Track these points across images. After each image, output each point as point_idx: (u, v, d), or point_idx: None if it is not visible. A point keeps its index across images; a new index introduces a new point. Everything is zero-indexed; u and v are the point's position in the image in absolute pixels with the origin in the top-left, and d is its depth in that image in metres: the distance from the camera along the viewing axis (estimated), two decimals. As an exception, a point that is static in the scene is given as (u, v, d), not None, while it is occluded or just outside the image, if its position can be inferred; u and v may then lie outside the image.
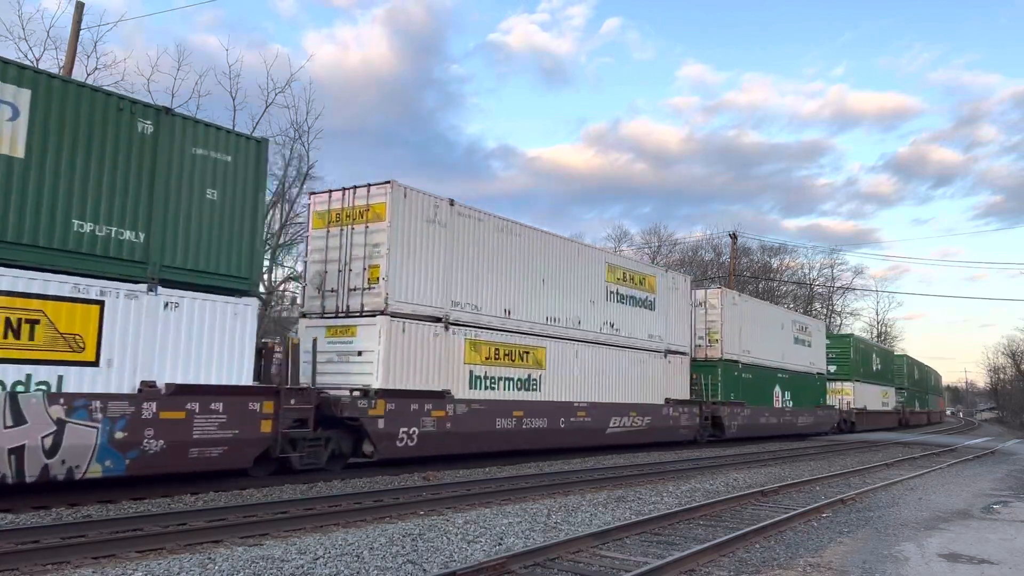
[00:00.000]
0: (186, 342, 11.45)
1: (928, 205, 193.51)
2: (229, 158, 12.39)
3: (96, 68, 27.15)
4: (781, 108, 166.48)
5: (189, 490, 11.71)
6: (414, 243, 16.07)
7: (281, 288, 36.40)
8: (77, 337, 10.13)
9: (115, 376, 10.50)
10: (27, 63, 11.78)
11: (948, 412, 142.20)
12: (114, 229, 10.80)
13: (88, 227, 10.55)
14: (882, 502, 13.66)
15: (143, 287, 11.05)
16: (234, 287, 12.43)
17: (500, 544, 8.80)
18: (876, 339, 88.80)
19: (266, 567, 7.27)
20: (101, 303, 10.40)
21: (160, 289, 11.23)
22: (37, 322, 9.69)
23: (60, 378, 9.92)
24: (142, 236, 11.19)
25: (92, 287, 10.37)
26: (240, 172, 12.62)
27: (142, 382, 10.77)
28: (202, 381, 11.55)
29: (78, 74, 23.75)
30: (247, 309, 12.41)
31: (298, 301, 23.86)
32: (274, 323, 32.73)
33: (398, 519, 10.26)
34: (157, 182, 11.46)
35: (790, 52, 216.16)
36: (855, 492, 14.33)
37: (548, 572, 7.70)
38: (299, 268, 32.78)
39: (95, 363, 10.27)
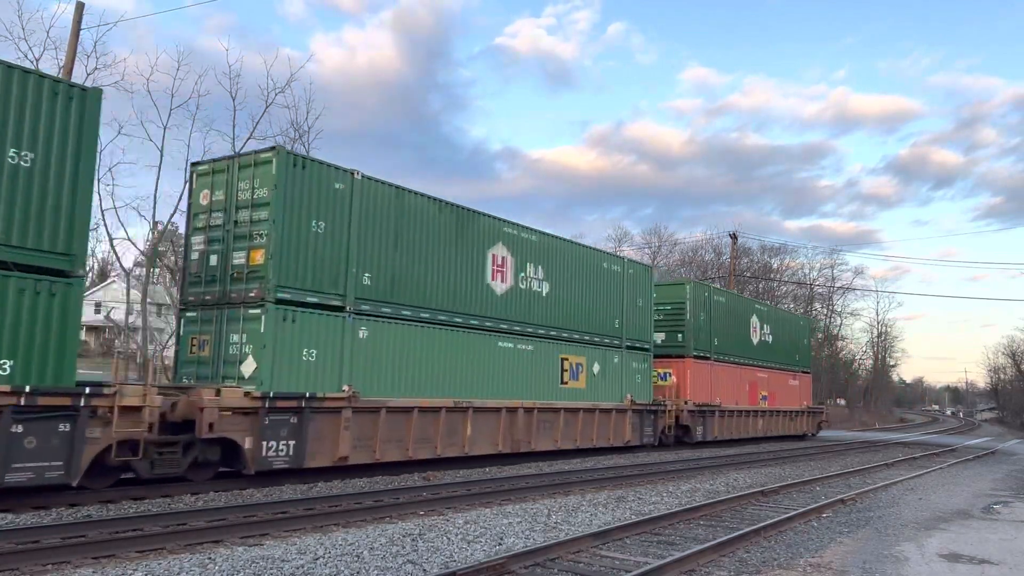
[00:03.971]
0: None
1: (929, 206, 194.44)
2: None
3: (96, 68, 27.11)
4: (783, 110, 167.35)
5: (189, 490, 11.71)
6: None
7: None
8: None
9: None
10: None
11: (948, 412, 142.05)
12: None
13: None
14: (882, 502, 13.65)
15: None
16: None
17: (500, 544, 8.80)
18: (876, 339, 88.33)
19: (266, 567, 7.27)
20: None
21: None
22: None
23: None
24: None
25: None
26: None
27: None
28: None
29: (78, 74, 23.73)
30: None
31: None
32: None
33: (398, 519, 10.26)
34: None
35: (792, 55, 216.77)
36: (855, 492, 14.32)
37: (548, 572, 7.69)
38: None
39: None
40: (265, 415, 12.57)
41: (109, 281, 58.80)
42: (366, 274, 14.72)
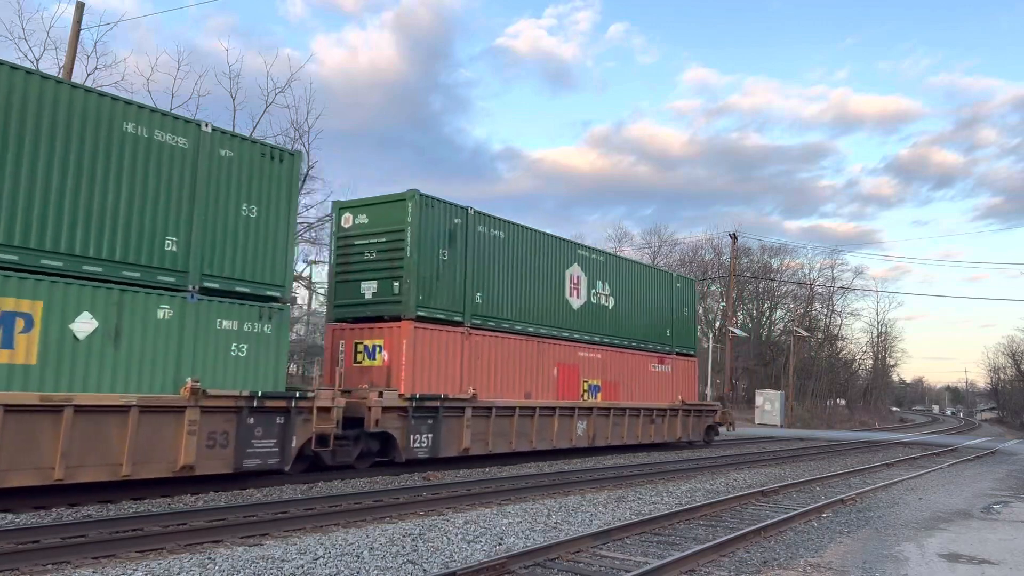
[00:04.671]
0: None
1: (929, 207, 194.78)
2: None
3: (96, 68, 27.12)
4: (784, 111, 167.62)
5: (189, 490, 11.71)
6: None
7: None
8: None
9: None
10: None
11: (949, 412, 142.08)
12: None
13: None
14: (882, 502, 13.65)
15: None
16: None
17: (500, 544, 8.80)
18: (876, 339, 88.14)
19: (266, 567, 7.27)
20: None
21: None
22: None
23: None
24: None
25: None
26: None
27: None
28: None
29: (78, 74, 23.75)
30: None
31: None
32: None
33: (398, 519, 10.26)
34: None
35: (793, 56, 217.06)
36: (855, 492, 14.32)
37: (548, 572, 7.69)
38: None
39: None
40: None
41: None
42: None
